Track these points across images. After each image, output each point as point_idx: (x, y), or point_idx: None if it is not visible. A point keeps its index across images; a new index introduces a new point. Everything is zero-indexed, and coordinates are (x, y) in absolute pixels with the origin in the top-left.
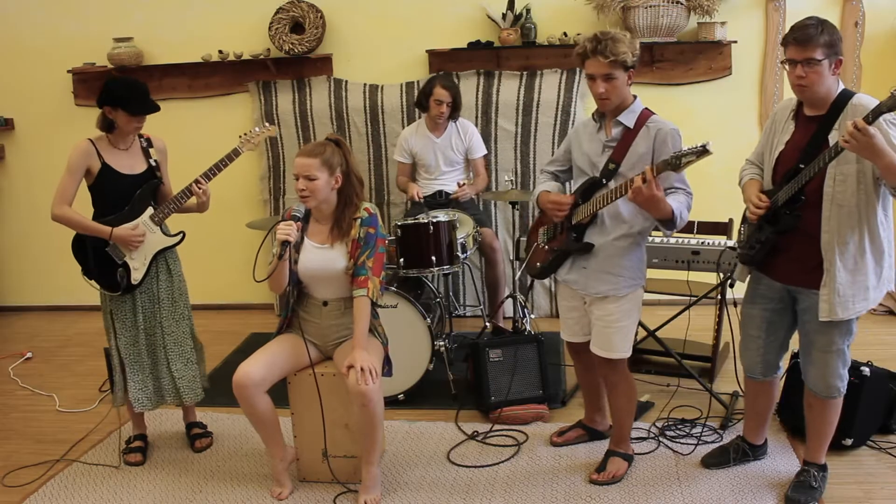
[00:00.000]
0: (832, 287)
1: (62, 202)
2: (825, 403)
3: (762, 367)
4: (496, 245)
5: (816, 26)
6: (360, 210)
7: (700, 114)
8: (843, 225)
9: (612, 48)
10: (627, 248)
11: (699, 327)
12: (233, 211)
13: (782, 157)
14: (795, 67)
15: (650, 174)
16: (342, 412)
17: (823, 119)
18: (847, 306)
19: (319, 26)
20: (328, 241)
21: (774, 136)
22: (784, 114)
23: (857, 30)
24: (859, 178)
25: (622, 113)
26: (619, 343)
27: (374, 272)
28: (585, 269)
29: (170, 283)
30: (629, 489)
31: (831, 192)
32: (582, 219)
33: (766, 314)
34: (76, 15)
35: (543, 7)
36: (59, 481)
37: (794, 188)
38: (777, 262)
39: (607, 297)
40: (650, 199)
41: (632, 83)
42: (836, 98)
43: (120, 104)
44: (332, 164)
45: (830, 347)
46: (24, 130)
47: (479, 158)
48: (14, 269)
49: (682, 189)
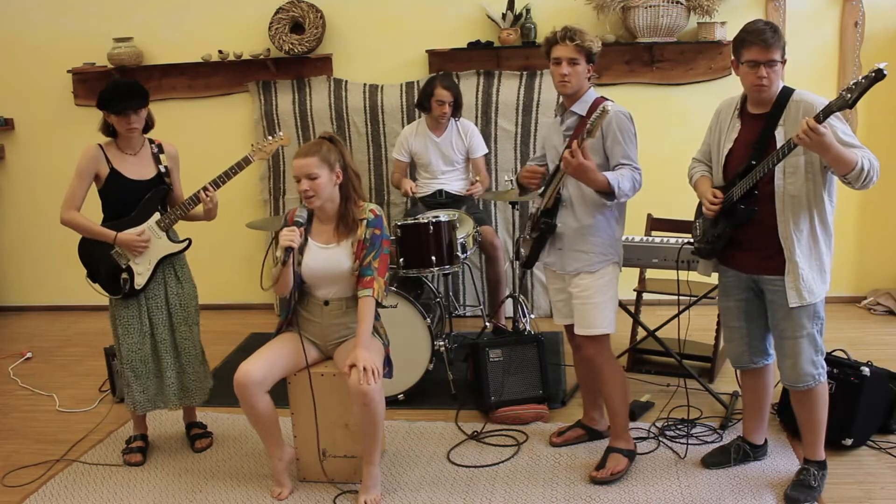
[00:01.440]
0: (796, 273)
1: (70, 207)
2: (807, 395)
3: (749, 353)
4: (497, 243)
5: (774, 29)
6: (366, 211)
7: (700, 114)
8: (797, 214)
9: (579, 35)
10: (595, 226)
11: (699, 327)
12: (233, 211)
13: (732, 154)
14: (758, 69)
15: (574, 145)
16: (342, 412)
17: (769, 116)
18: (812, 290)
19: (319, 26)
20: (333, 239)
21: (721, 134)
22: (728, 112)
23: (857, 30)
24: (807, 168)
25: (576, 103)
26: (598, 318)
27: (379, 273)
28: (560, 249)
29: (179, 289)
30: (629, 489)
31: (782, 184)
32: (546, 203)
33: (741, 304)
34: (76, 15)
35: (543, 7)
36: (59, 481)
37: (748, 183)
38: (737, 254)
39: (580, 272)
40: (578, 168)
41: (590, 77)
42: (779, 95)
43: (106, 106)
44: (330, 160)
45: (801, 332)
46: (24, 130)
47: (480, 158)
48: (14, 269)
49: (629, 165)
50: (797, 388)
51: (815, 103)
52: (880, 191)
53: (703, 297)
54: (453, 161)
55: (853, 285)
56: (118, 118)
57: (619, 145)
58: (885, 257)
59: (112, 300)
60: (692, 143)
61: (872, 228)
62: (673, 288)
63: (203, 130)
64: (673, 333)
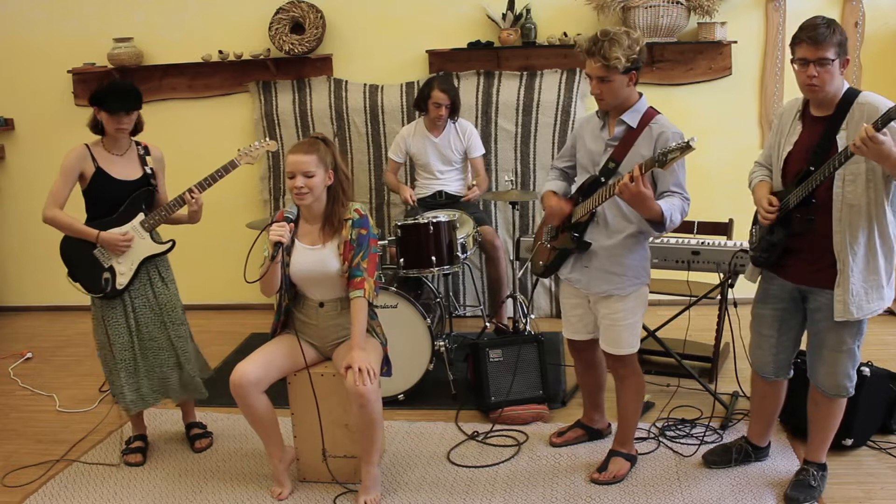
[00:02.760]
0: (846, 287)
1: (53, 205)
2: (832, 402)
3: (774, 366)
4: (497, 242)
5: (828, 26)
6: (350, 211)
7: (700, 114)
8: (854, 225)
9: (605, 51)
10: (629, 247)
11: (699, 327)
12: (233, 211)
13: (791, 158)
14: (807, 67)
15: (637, 171)
16: (342, 412)
17: (830, 119)
18: (861, 306)
19: (319, 26)
20: (319, 240)
21: (782, 136)
22: (790, 114)
23: (857, 30)
24: (868, 176)
25: (626, 112)
26: (628, 339)
27: (369, 273)
28: (587, 268)
29: (165, 289)
30: (629, 489)
31: (841, 192)
32: (581, 217)
33: (778, 314)
34: (76, 15)
35: (543, 7)
36: (59, 481)
37: (804, 191)
38: (789, 263)
39: (611, 295)
40: (637, 195)
41: (636, 82)
42: (842, 97)
43: (99, 104)
44: (326, 161)
45: (842, 347)
46: (24, 130)
47: (478, 158)
48: (14, 270)
49: (679, 193)
50: (828, 395)
51: (879, 106)
52: None
53: (704, 297)
54: (451, 161)
55: None
56: (109, 117)
57: (672, 171)
58: None
59: (96, 302)
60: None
61: None
62: (673, 288)
63: (203, 130)
64: (673, 333)
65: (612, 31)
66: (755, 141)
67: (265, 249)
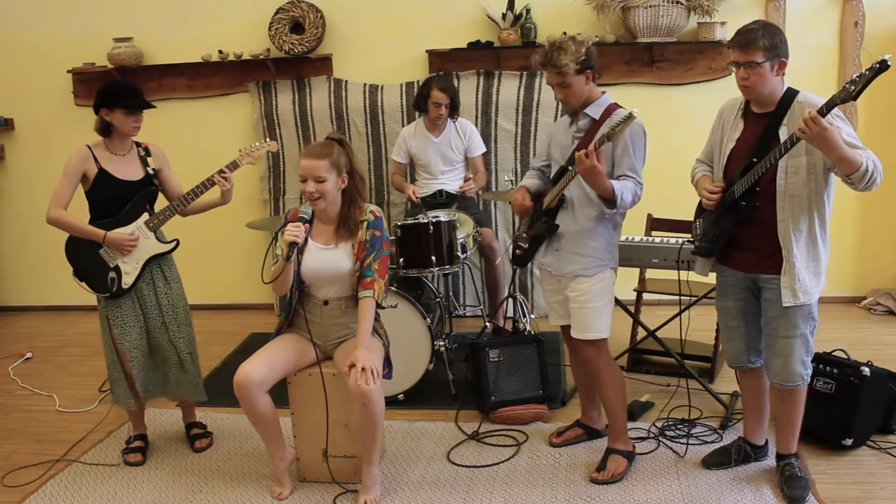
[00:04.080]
0: (792, 273)
1: (57, 206)
2: (791, 392)
3: (748, 353)
4: (496, 245)
5: (758, 30)
6: (366, 213)
7: (700, 114)
8: (797, 214)
9: (555, 60)
10: (594, 230)
11: (699, 327)
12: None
13: (734, 153)
14: (739, 69)
15: (591, 147)
16: (342, 412)
17: (772, 115)
18: (807, 290)
19: (319, 26)
20: (333, 241)
21: (724, 133)
22: (732, 112)
23: (857, 30)
24: (810, 168)
25: (589, 106)
26: (594, 323)
27: (380, 274)
28: (558, 250)
29: (168, 289)
30: (629, 489)
31: (784, 183)
32: (550, 203)
33: (740, 303)
34: (76, 15)
35: (543, 7)
36: (59, 481)
37: (750, 180)
38: (736, 253)
39: (577, 276)
40: (590, 169)
41: (593, 79)
42: (783, 96)
43: (117, 103)
44: (339, 164)
45: (794, 332)
46: (24, 130)
47: (478, 156)
48: (14, 270)
49: (633, 178)
50: (785, 386)
51: (817, 103)
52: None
53: (704, 297)
54: (452, 161)
55: (853, 285)
56: (126, 116)
57: (629, 156)
58: (885, 257)
59: (102, 301)
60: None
61: (872, 228)
62: (673, 288)
63: (203, 130)
64: (673, 333)
65: (558, 39)
66: None
67: (278, 248)
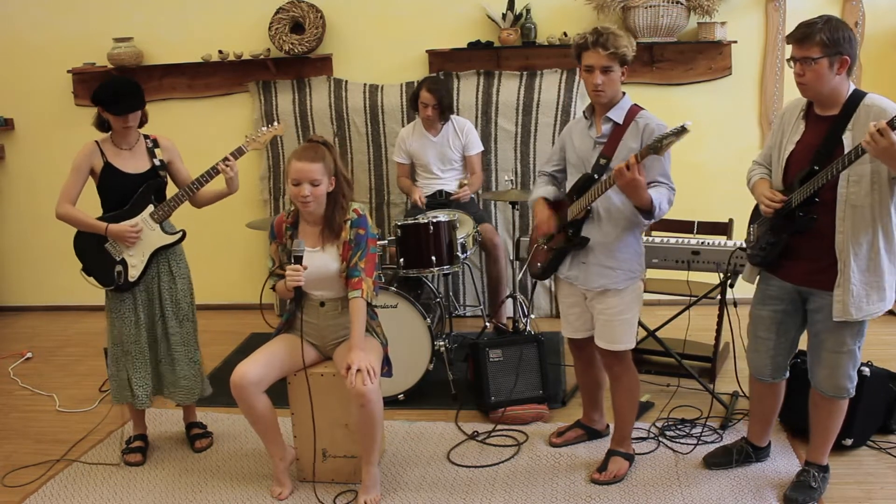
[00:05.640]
0: (846, 287)
1: (65, 201)
2: (832, 403)
3: (771, 369)
4: (497, 240)
5: (818, 24)
6: (349, 211)
7: (700, 114)
8: (858, 225)
9: (612, 41)
10: (623, 241)
11: (699, 327)
12: (233, 211)
13: (793, 157)
14: (795, 65)
15: (633, 159)
16: (342, 412)
17: (836, 119)
18: (861, 306)
19: (319, 26)
20: (319, 243)
21: (783, 136)
22: (793, 113)
23: (857, 30)
24: (873, 178)
25: (612, 109)
26: (623, 335)
27: (367, 273)
28: (584, 263)
29: (172, 283)
30: (629, 489)
31: (845, 192)
32: (577, 215)
33: (777, 315)
34: (76, 15)
35: (543, 7)
36: (59, 481)
37: (809, 190)
38: (788, 263)
39: (607, 290)
40: (631, 182)
41: (625, 81)
42: (849, 98)
43: (103, 105)
44: (330, 167)
45: (842, 348)
46: (24, 130)
47: (475, 155)
48: (14, 270)
49: (665, 183)
50: (827, 396)
51: (887, 108)
52: None
53: (704, 297)
54: (451, 160)
55: None
56: (115, 117)
57: (659, 161)
58: None
59: (107, 294)
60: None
61: None
62: (673, 288)
63: (203, 130)
64: (673, 333)
65: (611, 26)
66: (755, 141)
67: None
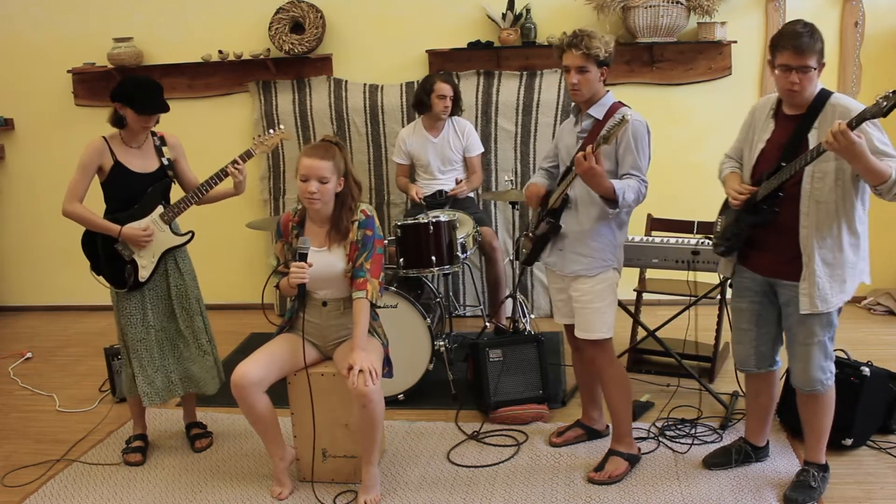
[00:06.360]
0: (811, 281)
1: (73, 199)
2: (813, 399)
3: (755, 359)
4: (496, 244)
5: (811, 34)
6: (357, 212)
7: (700, 114)
8: (822, 220)
9: (586, 42)
10: (596, 230)
11: (699, 327)
12: (233, 211)
13: (763, 154)
14: (790, 73)
15: (589, 149)
16: (342, 412)
17: (803, 118)
18: (826, 299)
19: (319, 26)
20: (326, 243)
21: (754, 133)
22: (763, 112)
23: (857, 30)
24: (837, 175)
25: (592, 106)
26: (597, 323)
27: (372, 274)
28: (561, 250)
29: (180, 281)
30: (629, 489)
31: (809, 188)
32: (553, 203)
33: (755, 307)
34: (76, 15)
35: (543, 7)
36: (59, 481)
37: (774, 184)
38: (756, 255)
39: (579, 276)
40: (589, 170)
41: (605, 79)
42: (816, 98)
43: (128, 102)
44: (340, 167)
45: (812, 339)
46: (24, 130)
47: (476, 156)
48: (14, 270)
49: (637, 176)
50: (805, 391)
51: (851, 108)
52: None
53: (704, 296)
54: (452, 161)
55: None
56: (137, 116)
57: (631, 155)
58: (885, 257)
59: (115, 293)
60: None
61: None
62: (673, 288)
63: (203, 130)
64: (673, 333)
65: (589, 29)
66: None
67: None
